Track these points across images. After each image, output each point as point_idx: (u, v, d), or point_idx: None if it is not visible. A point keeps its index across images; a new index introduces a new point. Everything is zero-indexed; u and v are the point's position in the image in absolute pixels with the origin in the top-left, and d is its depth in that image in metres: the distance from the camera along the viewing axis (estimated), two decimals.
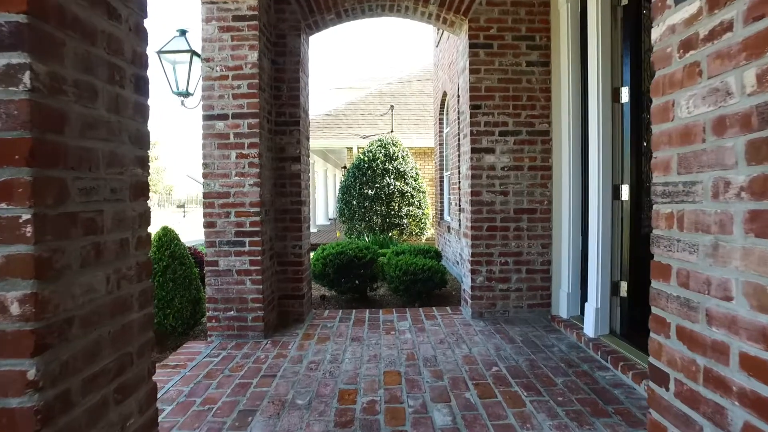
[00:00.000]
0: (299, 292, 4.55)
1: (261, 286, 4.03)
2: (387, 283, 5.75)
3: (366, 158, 10.34)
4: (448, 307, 5.03)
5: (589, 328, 3.71)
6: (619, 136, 3.59)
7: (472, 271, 4.52)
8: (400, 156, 10.49)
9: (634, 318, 3.69)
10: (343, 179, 10.86)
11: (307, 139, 4.91)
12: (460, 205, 6.51)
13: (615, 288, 3.67)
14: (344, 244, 5.86)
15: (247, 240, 4.03)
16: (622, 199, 3.58)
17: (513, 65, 4.48)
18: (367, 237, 9.64)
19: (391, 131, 14.17)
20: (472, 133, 4.47)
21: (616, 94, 3.59)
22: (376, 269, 6.10)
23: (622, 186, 3.57)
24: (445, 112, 9.23)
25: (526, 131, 4.50)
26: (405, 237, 10.79)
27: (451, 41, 7.97)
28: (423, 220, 10.57)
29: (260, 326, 4.04)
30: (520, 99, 4.49)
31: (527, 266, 4.54)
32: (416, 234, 10.68)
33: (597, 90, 3.60)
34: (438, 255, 6.27)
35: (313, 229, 19.06)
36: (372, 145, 10.70)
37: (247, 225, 4.02)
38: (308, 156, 4.91)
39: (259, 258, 4.02)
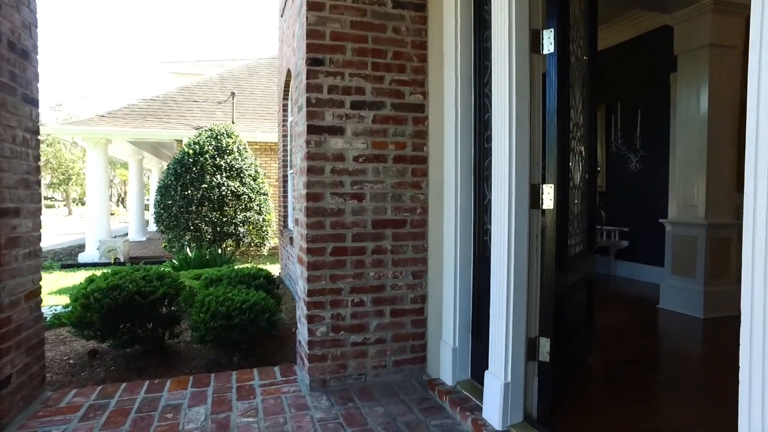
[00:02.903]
0: None
1: None
2: (191, 329, 3.89)
3: (192, 151, 8.18)
4: (277, 369, 3.33)
5: (492, 414, 2.30)
6: (540, 107, 2.25)
7: (311, 318, 2.90)
8: (235, 150, 8.51)
9: (559, 393, 2.38)
10: (161, 178, 8.55)
11: (29, 101, 2.85)
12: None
13: (532, 348, 2.31)
14: (124, 272, 3.85)
15: None
16: (544, 207, 2.24)
17: (374, 4, 2.96)
18: (191, 251, 7.52)
19: (232, 122, 12.06)
20: (309, 103, 2.86)
21: (536, 41, 2.24)
22: (185, 301, 4.20)
23: (544, 187, 2.23)
24: (289, 97, 7.52)
25: (392, 104, 3.01)
26: (243, 248, 8.84)
27: (296, 4, 6.29)
28: (264, 228, 8.71)
29: None
30: (384, 55, 2.99)
31: (393, 306, 3.06)
32: (257, 245, 8.80)
33: (506, 35, 2.21)
34: (269, 281, 4.54)
35: (141, 237, 15.99)
36: (200, 135, 8.56)
37: None
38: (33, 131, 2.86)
39: None
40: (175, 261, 6.85)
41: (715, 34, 4.52)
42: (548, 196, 2.19)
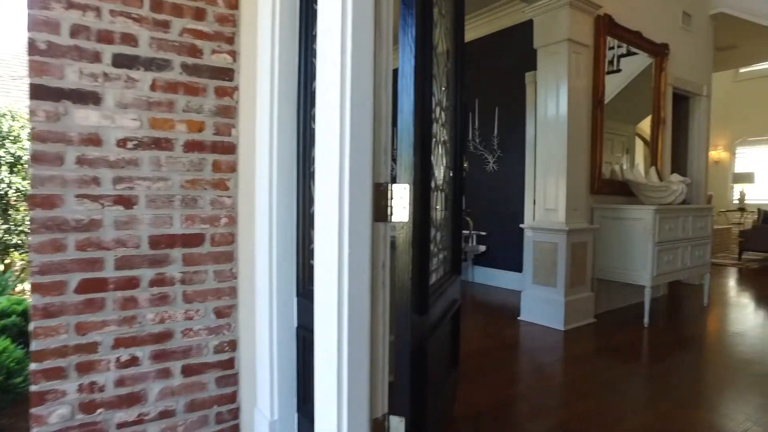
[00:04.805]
0: None
1: None
2: None
3: None
4: None
5: None
6: (389, 67, 1.47)
7: (40, 397, 1.81)
8: (23, 136, 6.65)
9: None
10: None
11: None
12: None
13: None
14: None
15: None
16: (396, 219, 1.46)
17: None
18: None
19: None
20: (34, 49, 1.77)
21: None
22: None
23: (396, 188, 1.45)
24: None
25: (184, 65, 2.04)
26: None
27: None
28: None
29: None
30: None
31: (186, 360, 2.08)
32: None
33: None
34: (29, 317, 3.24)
35: None
36: None
37: None
38: None
39: None
40: None
41: (572, 29, 4.28)
42: (401, 202, 1.43)
